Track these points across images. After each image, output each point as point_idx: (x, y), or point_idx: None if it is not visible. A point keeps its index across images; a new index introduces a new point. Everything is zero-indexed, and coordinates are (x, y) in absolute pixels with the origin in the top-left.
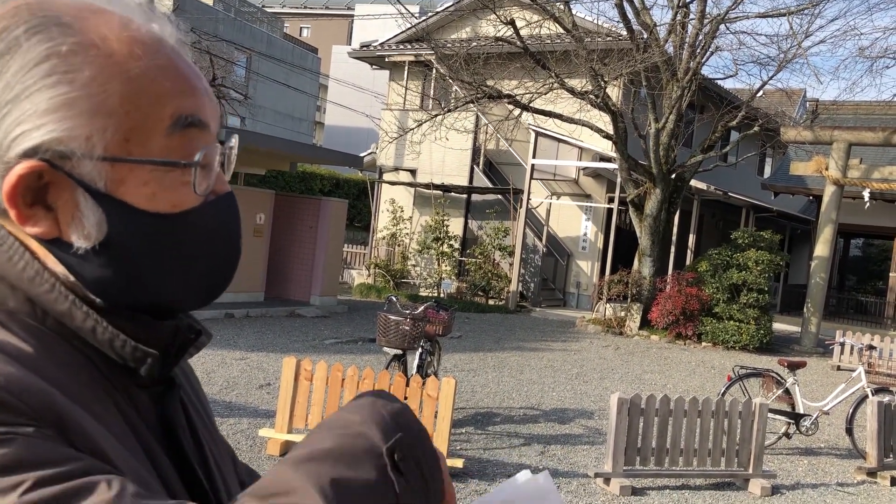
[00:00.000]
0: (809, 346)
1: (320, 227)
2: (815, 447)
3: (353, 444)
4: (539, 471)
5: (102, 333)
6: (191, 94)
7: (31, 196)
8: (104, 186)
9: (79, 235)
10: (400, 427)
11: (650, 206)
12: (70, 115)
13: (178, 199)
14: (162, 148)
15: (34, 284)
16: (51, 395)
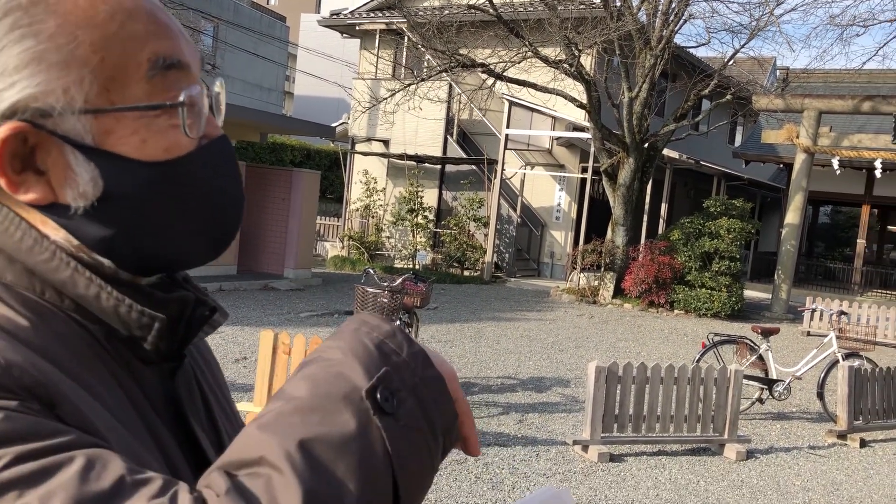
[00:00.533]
0: (780, 313)
1: (293, 199)
2: (788, 412)
3: (329, 391)
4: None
5: (107, 300)
6: (165, 36)
7: (18, 162)
8: (92, 140)
9: (75, 195)
10: (386, 357)
11: (623, 175)
12: (41, 69)
13: (170, 144)
14: (144, 93)
15: (33, 254)
16: (41, 368)
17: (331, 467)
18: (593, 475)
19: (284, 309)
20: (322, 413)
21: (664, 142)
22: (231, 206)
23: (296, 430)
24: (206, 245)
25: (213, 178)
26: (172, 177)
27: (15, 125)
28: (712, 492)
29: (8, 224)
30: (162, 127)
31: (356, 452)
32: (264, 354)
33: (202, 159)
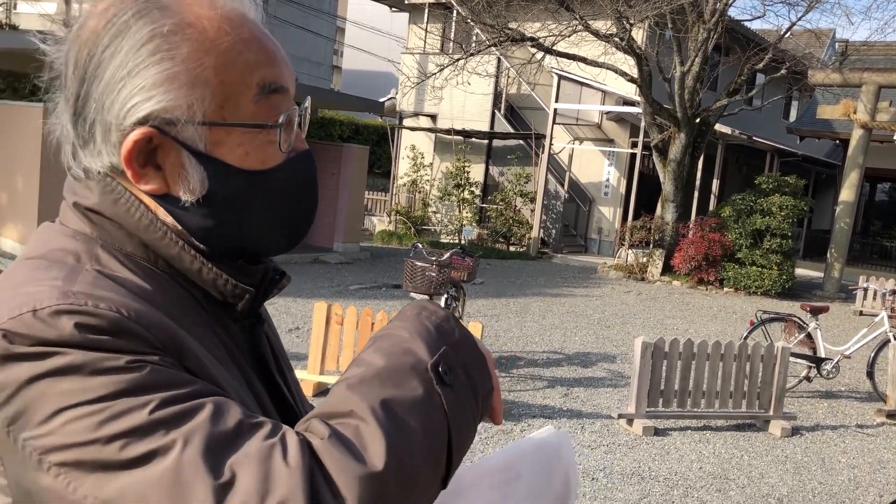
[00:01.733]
0: (832, 292)
1: (342, 174)
2: (836, 390)
3: (400, 363)
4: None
5: (207, 274)
6: (272, 63)
7: (143, 158)
8: (204, 148)
9: (185, 190)
10: (444, 338)
11: (674, 150)
12: (173, 88)
13: (267, 157)
14: (251, 112)
15: (149, 231)
16: (171, 327)
17: (405, 421)
18: (637, 448)
19: (334, 282)
20: (396, 380)
21: (716, 117)
22: (308, 207)
23: (377, 391)
24: (284, 239)
25: (295, 186)
26: (264, 184)
27: (146, 130)
28: (756, 466)
29: (129, 205)
30: (262, 142)
31: (423, 412)
32: (318, 324)
33: (290, 169)
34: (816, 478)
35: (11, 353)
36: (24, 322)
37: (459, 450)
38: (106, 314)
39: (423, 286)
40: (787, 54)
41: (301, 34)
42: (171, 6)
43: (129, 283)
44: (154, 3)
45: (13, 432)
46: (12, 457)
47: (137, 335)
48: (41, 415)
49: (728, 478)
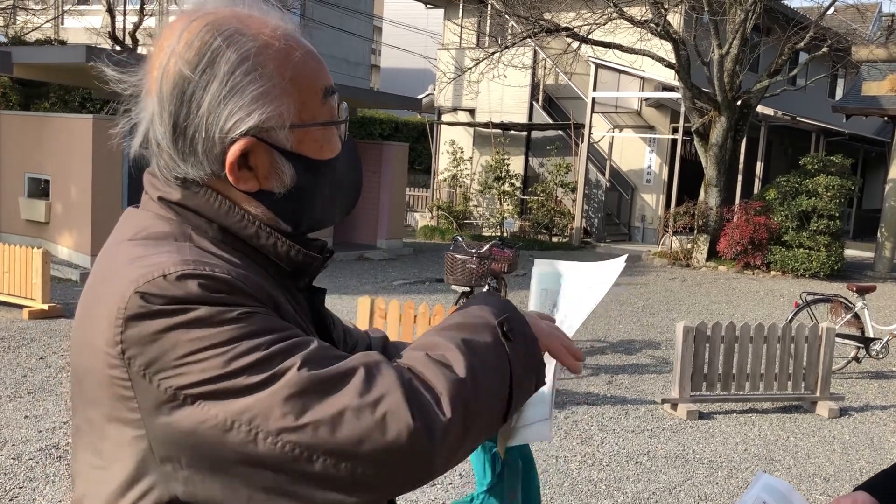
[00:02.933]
0: (883, 272)
1: (383, 172)
2: (886, 371)
3: (474, 321)
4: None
5: (281, 247)
6: (324, 71)
7: (242, 162)
8: (290, 147)
9: (278, 185)
10: (506, 311)
11: (715, 134)
12: (267, 101)
13: (334, 147)
14: (320, 113)
15: (228, 216)
16: (267, 287)
17: (479, 355)
18: (682, 431)
19: (378, 278)
20: (472, 330)
21: (758, 98)
22: (359, 185)
23: (457, 334)
24: (341, 211)
25: (353, 167)
26: (334, 169)
27: (248, 140)
28: (802, 447)
29: (209, 196)
30: (330, 135)
31: (492, 352)
32: (363, 318)
33: (346, 155)
34: (864, 457)
35: (148, 311)
36: (157, 284)
37: (519, 393)
38: (221, 276)
39: (463, 278)
40: (830, 31)
41: (338, 35)
42: (247, 32)
43: (223, 257)
44: (237, 31)
45: (149, 374)
46: (146, 395)
47: (246, 292)
48: (175, 359)
49: (773, 459)
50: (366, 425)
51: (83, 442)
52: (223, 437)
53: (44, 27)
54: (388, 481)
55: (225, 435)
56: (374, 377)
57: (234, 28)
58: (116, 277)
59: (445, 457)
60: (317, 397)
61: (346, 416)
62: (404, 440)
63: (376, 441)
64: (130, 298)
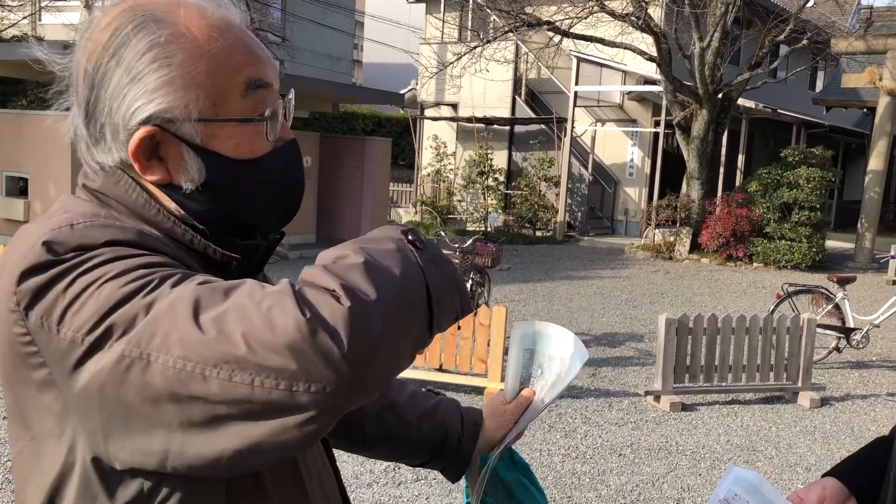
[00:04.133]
0: (864, 262)
1: (366, 167)
2: (867, 360)
3: (377, 236)
4: None
5: (198, 244)
6: (256, 63)
7: (148, 152)
8: (201, 141)
9: (185, 179)
10: (413, 233)
11: (697, 127)
12: (171, 91)
13: (255, 147)
14: (240, 108)
15: (145, 209)
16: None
17: (383, 259)
18: (665, 423)
19: None
20: (374, 242)
21: (739, 91)
22: (294, 191)
23: (360, 245)
24: (275, 218)
25: (282, 171)
26: (255, 171)
27: (149, 129)
28: (784, 437)
29: (127, 187)
30: (251, 134)
31: (398, 255)
32: None
33: (276, 158)
34: (845, 446)
35: (48, 260)
36: (63, 233)
37: (438, 300)
38: (132, 228)
39: None
40: (809, 24)
41: (320, 30)
42: (165, 19)
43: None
44: (151, 17)
45: (47, 323)
46: (49, 347)
47: (156, 248)
48: (71, 300)
49: (756, 449)
50: (251, 323)
51: (12, 420)
52: (120, 372)
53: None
54: (296, 394)
55: (121, 369)
56: (262, 287)
57: (149, 14)
58: (24, 238)
59: (358, 356)
60: (202, 308)
61: (229, 318)
62: (294, 333)
63: (264, 339)
64: (33, 248)
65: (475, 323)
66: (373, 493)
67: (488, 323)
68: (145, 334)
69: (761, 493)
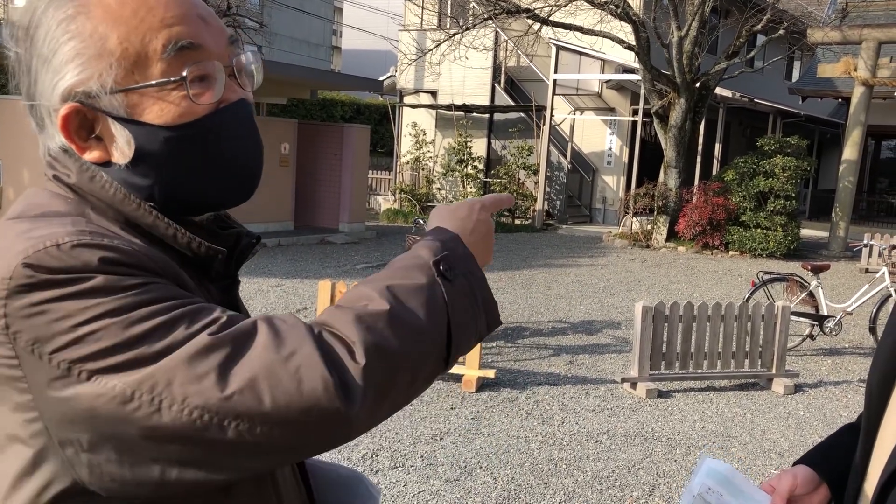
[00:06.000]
0: (838, 251)
1: (345, 155)
2: (840, 347)
3: (408, 263)
4: None
5: (181, 238)
6: (180, 24)
7: (84, 132)
8: (124, 112)
9: (118, 155)
10: (447, 249)
11: (675, 116)
12: (82, 62)
13: (183, 111)
14: (161, 72)
15: (124, 204)
16: (171, 263)
17: (407, 300)
18: (641, 410)
19: (341, 261)
20: (402, 274)
21: (716, 80)
22: (246, 157)
23: (385, 281)
24: (233, 189)
25: (221, 136)
26: (188, 137)
27: (71, 105)
28: (758, 423)
29: (104, 183)
30: (175, 98)
31: (425, 294)
32: (323, 303)
33: (215, 121)
34: (818, 432)
35: (37, 281)
36: (49, 253)
37: (460, 340)
38: (121, 247)
39: None
40: (786, 14)
41: (298, 16)
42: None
43: (122, 238)
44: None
45: (38, 349)
46: (36, 372)
47: (148, 266)
48: (67, 329)
49: (730, 435)
50: (279, 383)
51: None
52: (125, 410)
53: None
54: (305, 442)
55: (126, 408)
56: (281, 332)
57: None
58: (1, 252)
59: (367, 409)
60: (223, 359)
61: (258, 376)
62: (321, 395)
63: (291, 399)
64: (16, 269)
65: None
66: None
67: None
68: (160, 380)
69: (734, 484)
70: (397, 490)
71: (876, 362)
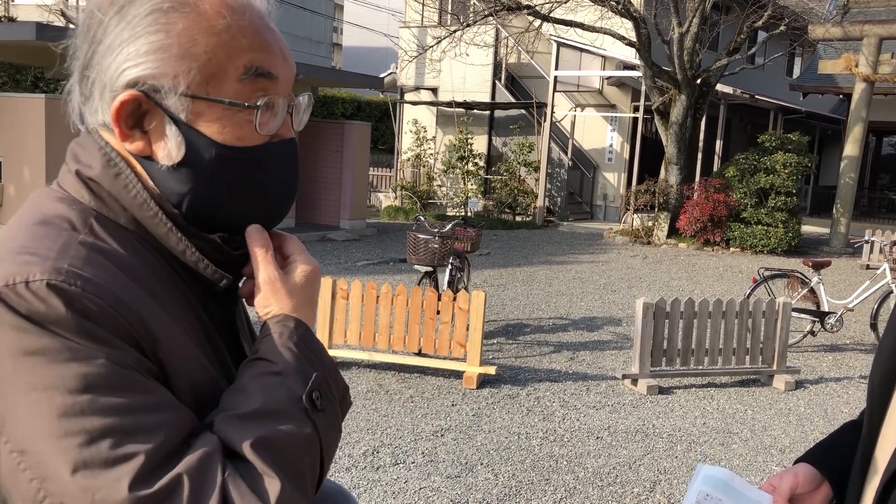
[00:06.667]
0: (839, 247)
1: (345, 152)
2: (841, 343)
3: (277, 398)
4: None
5: (190, 256)
6: (264, 51)
7: (132, 120)
8: (185, 117)
9: (164, 154)
10: (310, 359)
11: (675, 113)
12: (163, 58)
13: (243, 135)
14: (234, 91)
15: (142, 210)
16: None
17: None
18: (642, 406)
19: (342, 258)
20: (273, 418)
21: (717, 77)
22: (281, 194)
23: (255, 430)
24: (260, 217)
25: (268, 168)
26: (238, 160)
27: (133, 93)
28: (759, 420)
29: (127, 181)
30: (240, 121)
31: (301, 444)
32: (324, 300)
33: (266, 153)
34: (819, 428)
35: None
36: (17, 291)
37: (329, 461)
38: (90, 298)
39: (426, 258)
40: (787, 10)
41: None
42: None
43: (117, 257)
44: None
45: None
46: None
47: (114, 327)
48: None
49: (731, 431)
50: None
51: None
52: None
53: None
54: None
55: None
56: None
57: None
58: None
59: None
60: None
61: None
62: None
63: None
64: None
65: (454, 307)
66: (351, 476)
67: (467, 308)
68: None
69: (733, 489)
70: (398, 486)
71: (878, 360)
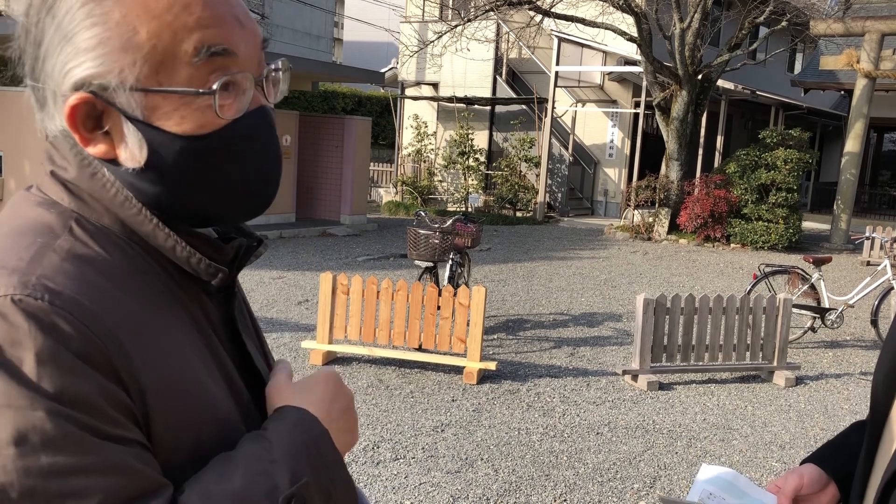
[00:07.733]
0: (839, 244)
1: (346, 147)
2: (841, 340)
3: (255, 487)
4: None
5: (181, 252)
6: (215, 25)
7: (91, 122)
8: (140, 114)
9: (127, 156)
10: (312, 463)
11: (676, 108)
12: (104, 53)
13: (205, 122)
14: (188, 77)
15: (123, 208)
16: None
17: None
18: (642, 402)
19: (342, 254)
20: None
21: (718, 73)
22: (264, 171)
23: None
24: (243, 205)
25: (245, 147)
26: (205, 149)
27: (82, 95)
28: (759, 416)
29: (105, 181)
30: (199, 107)
31: None
32: (324, 295)
33: (235, 131)
34: (819, 424)
35: None
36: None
37: None
38: (60, 315)
39: (426, 253)
40: (789, 6)
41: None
42: None
43: (98, 262)
44: None
45: None
46: None
47: (85, 342)
48: None
49: (731, 428)
50: None
51: None
52: None
53: None
54: None
55: None
56: None
57: None
58: None
59: None
60: None
61: None
62: None
63: None
64: None
65: (455, 303)
66: (351, 472)
67: (468, 303)
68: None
69: (737, 488)
70: (398, 482)
71: (881, 360)
